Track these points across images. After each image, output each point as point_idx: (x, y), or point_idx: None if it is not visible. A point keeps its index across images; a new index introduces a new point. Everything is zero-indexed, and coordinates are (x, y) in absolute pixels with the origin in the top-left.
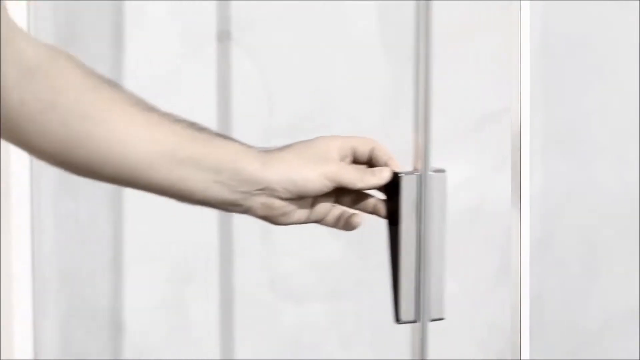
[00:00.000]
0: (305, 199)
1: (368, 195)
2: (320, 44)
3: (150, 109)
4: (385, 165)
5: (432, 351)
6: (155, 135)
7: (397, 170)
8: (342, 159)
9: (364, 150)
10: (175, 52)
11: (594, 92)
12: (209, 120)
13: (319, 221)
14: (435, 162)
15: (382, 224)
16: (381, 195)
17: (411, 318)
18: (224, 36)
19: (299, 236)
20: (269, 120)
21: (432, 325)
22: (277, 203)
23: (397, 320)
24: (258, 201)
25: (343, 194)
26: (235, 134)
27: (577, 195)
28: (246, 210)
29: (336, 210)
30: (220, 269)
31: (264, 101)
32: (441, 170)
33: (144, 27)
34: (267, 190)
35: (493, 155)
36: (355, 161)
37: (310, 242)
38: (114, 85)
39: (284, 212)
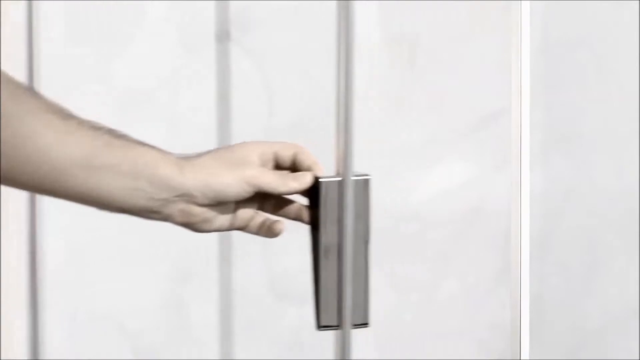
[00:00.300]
0: (227, 205)
1: (291, 201)
2: (320, 44)
3: (68, 116)
4: (309, 170)
5: (432, 351)
6: (72, 141)
7: (321, 175)
8: (264, 164)
9: (286, 155)
10: (175, 53)
11: (593, 92)
12: (209, 120)
13: (242, 228)
14: (435, 162)
15: (382, 226)
16: (305, 201)
17: (333, 323)
18: (223, 36)
19: (299, 236)
20: (268, 120)
21: (432, 326)
22: (197, 210)
23: (318, 325)
24: (177, 208)
25: (266, 200)
26: (235, 134)
27: (577, 195)
28: (166, 218)
29: (259, 217)
30: (220, 269)
31: (263, 101)
32: (364, 175)
33: (143, 28)
34: (185, 197)
35: (493, 155)
36: (279, 167)
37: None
38: (31, 92)
39: (204, 218)
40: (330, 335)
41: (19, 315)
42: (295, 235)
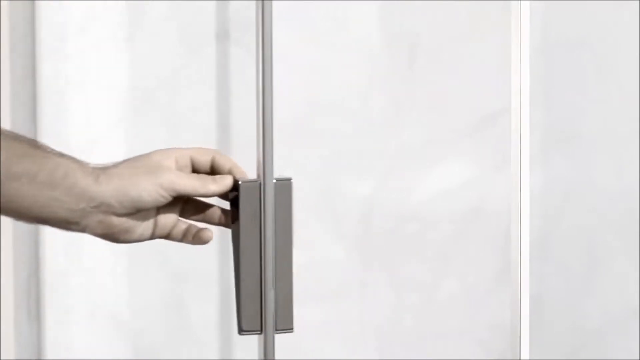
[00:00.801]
0: (146, 213)
1: (212, 206)
2: (320, 44)
3: None
4: (229, 173)
5: (432, 351)
6: None
7: (241, 178)
8: (181, 169)
9: (204, 160)
10: (175, 52)
11: (593, 92)
12: (209, 120)
13: (165, 236)
14: (435, 162)
15: (382, 226)
16: (227, 205)
17: (255, 328)
18: (223, 36)
19: (299, 237)
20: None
21: (432, 326)
22: (116, 220)
23: (240, 330)
24: (95, 219)
25: (187, 206)
26: (235, 134)
27: (577, 195)
28: (84, 229)
29: (182, 224)
30: (220, 269)
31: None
32: (286, 179)
33: (143, 28)
34: (102, 207)
35: (493, 155)
36: (196, 172)
37: (310, 243)
38: None
39: (124, 228)
40: (330, 336)
41: (18, 315)
42: (295, 235)
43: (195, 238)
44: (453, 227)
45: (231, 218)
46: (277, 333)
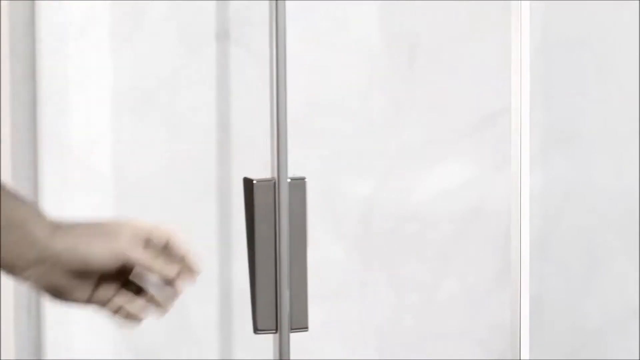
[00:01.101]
0: (90, 277)
1: (148, 290)
2: (320, 44)
3: None
4: (182, 259)
5: (432, 351)
6: None
7: (192, 268)
8: (135, 241)
9: (160, 239)
10: (175, 52)
11: (593, 92)
12: (209, 120)
13: (101, 304)
14: (435, 162)
15: (382, 226)
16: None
17: (270, 327)
18: (223, 36)
19: None
20: (268, 120)
21: (432, 326)
22: (59, 276)
23: (255, 329)
24: (41, 271)
25: (128, 283)
26: (234, 135)
27: (577, 195)
28: (27, 277)
29: (119, 299)
30: (220, 270)
31: (263, 101)
32: (300, 178)
33: (143, 28)
34: (52, 260)
35: (493, 155)
36: (150, 247)
37: (310, 243)
38: None
39: (64, 286)
40: (330, 336)
41: (18, 315)
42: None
43: (127, 316)
44: (453, 227)
45: (245, 218)
46: (292, 332)
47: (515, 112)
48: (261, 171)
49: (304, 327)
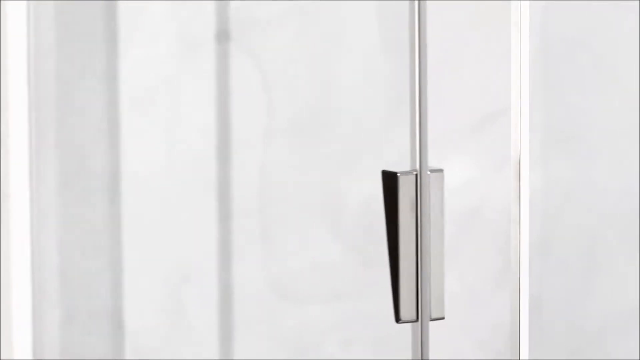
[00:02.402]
0: None
1: None
2: (320, 44)
3: None
4: None
5: (432, 351)
6: None
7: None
8: None
9: None
10: (174, 53)
11: (593, 92)
12: (209, 120)
13: None
14: (435, 162)
15: (382, 226)
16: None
17: (411, 317)
18: (222, 37)
19: (299, 237)
20: (268, 121)
21: (432, 326)
22: None
23: (397, 319)
24: None
25: None
26: (234, 135)
27: (577, 195)
28: None
29: None
30: (220, 270)
31: (263, 102)
32: (438, 170)
33: (141, 28)
34: None
35: (493, 155)
36: None
37: (310, 243)
38: None
39: None
40: (330, 336)
41: (18, 316)
42: (295, 235)
43: None
44: (453, 227)
45: (385, 210)
46: (432, 321)
47: (515, 112)
48: (261, 171)
49: (441, 317)
